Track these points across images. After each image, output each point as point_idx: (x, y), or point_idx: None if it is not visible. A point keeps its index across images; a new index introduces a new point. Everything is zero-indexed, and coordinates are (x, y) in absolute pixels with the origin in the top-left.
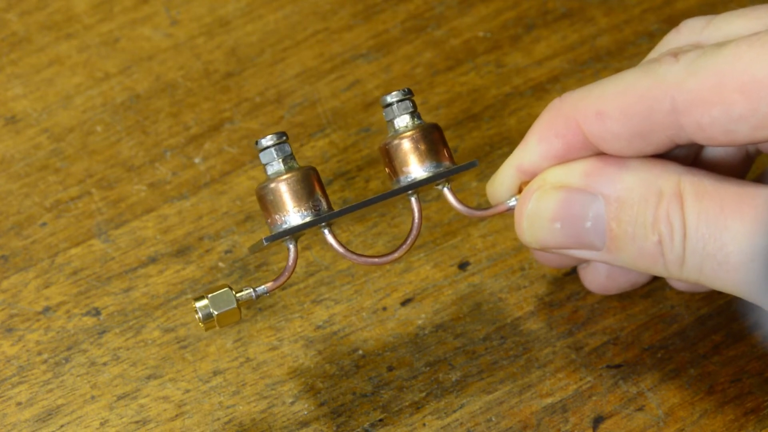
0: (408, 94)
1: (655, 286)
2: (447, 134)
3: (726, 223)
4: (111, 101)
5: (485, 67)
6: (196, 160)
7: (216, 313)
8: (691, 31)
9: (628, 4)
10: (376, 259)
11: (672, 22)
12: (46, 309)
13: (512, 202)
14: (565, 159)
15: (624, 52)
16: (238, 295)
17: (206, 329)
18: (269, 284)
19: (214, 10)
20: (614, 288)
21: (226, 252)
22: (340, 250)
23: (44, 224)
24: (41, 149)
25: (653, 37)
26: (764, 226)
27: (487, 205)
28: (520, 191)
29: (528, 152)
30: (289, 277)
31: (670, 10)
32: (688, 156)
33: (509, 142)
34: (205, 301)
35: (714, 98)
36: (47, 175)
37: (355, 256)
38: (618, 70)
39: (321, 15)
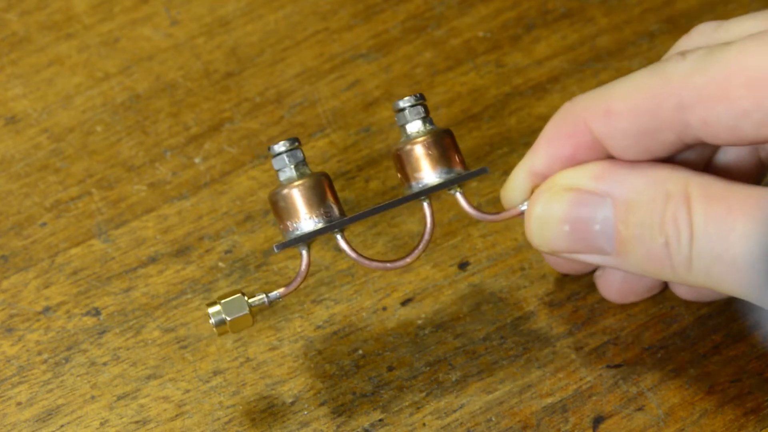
0: (420, 99)
1: None
2: None
3: (734, 224)
4: (111, 101)
5: (485, 67)
6: (196, 160)
7: (228, 319)
8: (701, 34)
9: (628, 4)
10: (389, 264)
11: (672, 22)
12: (46, 309)
13: (524, 206)
14: (574, 162)
15: (624, 52)
16: (250, 300)
17: (219, 334)
18: (282, 290)
19: (214, 10)
20: (632, 295)
21: (226, 252)
22: (353, 255)
23: (44, 224)
24: (41, 149)
25: (653, 37)
26: None
27: (491, 206)
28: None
29: (538, 155)
30: (301, 282)
31: (670, 10)
32: (698, 162)
33: (509, 142)
34: (217, 307)
35: (719, 94)
36: (47, 175)
37: (368, 261)
38: (618, 70)
39: (321, 15)
